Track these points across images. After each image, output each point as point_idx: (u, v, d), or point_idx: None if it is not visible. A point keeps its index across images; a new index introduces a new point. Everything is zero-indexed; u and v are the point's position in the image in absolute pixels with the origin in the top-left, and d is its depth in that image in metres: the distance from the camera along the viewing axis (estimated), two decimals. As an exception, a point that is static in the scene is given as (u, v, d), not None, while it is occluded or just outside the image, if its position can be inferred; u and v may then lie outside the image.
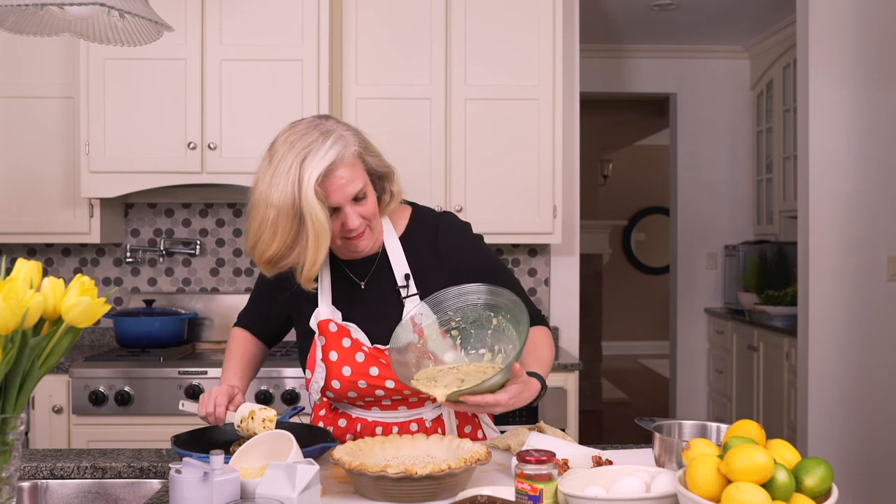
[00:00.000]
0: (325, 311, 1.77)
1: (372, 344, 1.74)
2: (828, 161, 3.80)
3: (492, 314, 1.63)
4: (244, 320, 2.00)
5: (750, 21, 5.14)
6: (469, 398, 1.51)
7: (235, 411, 1.70)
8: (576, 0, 3.73)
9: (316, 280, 1.69)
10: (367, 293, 1.79)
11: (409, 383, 1.56)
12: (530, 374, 1.66)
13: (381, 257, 1.79)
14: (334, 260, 1.80)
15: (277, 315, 1.92)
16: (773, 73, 5.36)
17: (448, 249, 1.79)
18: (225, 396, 1.73)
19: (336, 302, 1.79)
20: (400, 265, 1.78)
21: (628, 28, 5.29)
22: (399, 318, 1.71)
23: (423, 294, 1.73)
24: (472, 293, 1.65)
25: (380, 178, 1.74)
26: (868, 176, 3.81)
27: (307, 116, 1.71)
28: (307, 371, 1.82)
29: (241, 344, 1.96)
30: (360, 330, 1.75)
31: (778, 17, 5.05)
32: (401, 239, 1.80)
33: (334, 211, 1.64)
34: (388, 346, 1.66)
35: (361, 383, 1.73)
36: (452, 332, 1.67)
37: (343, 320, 1.76)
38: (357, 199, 1.65)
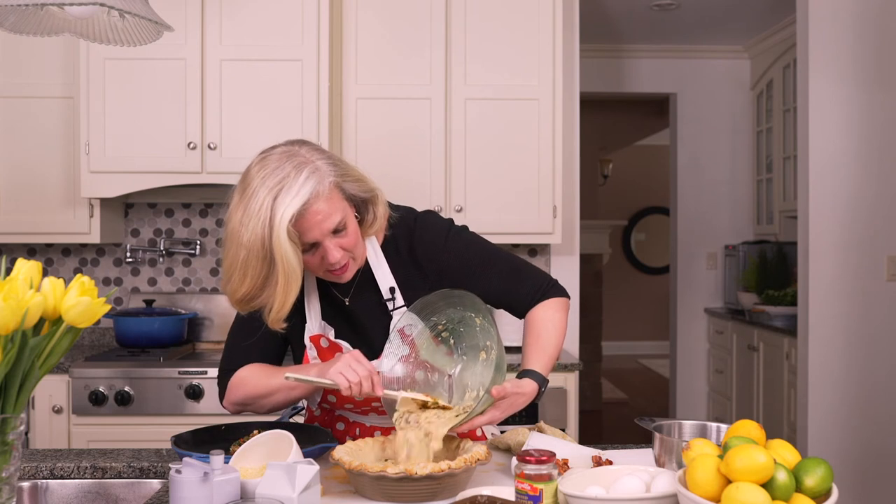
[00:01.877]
0: (316, 327, 1.73)
1: None
2: (828, 161, 3.80)
3: (472, 314, 1.62)
4: (242, 362, 1.76)
5: (750, 21, 5.14)
6: (460, 427, 1.54)
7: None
8: (576, 0, 3.73)
9: (287, 321, 1.61)
10: (352, 309, 1.74)
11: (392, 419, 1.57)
12: (526, 372, 1.66)
13: (364, 272, 1.72)
14: (318, 278, 1.73)
15: (274, 339, 1.75)
16: (773, 73, 5.36)
17: (425, 253, 1.73)
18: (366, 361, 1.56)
19: (325, 318, 1.75)
20: (385, 279, 1.72)
21: (628, 28, 5.29)
22: (386, 332, 1.68)
23: (411, 303, 1.69)
24: (449, 296, 1.64)
25: (363, 202, 1.65)
26: (868, 176, 3.81)
27: (280, 143, 1.60)
28: None
29: (262, 366, 1.76)
30: (351, 349, 1.71)
31: (778, 17, 5.05)
32: (382, 248, 1.74)
33: (312, 246, 1.57)
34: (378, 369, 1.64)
35: (358, 396, 1.72)
36: (443, 334, 1.66)
37: (335, 338, 1.73)
38: (336, 231, 1.57)
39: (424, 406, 1.59)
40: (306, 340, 1.74)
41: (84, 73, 3.13)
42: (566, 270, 3.73)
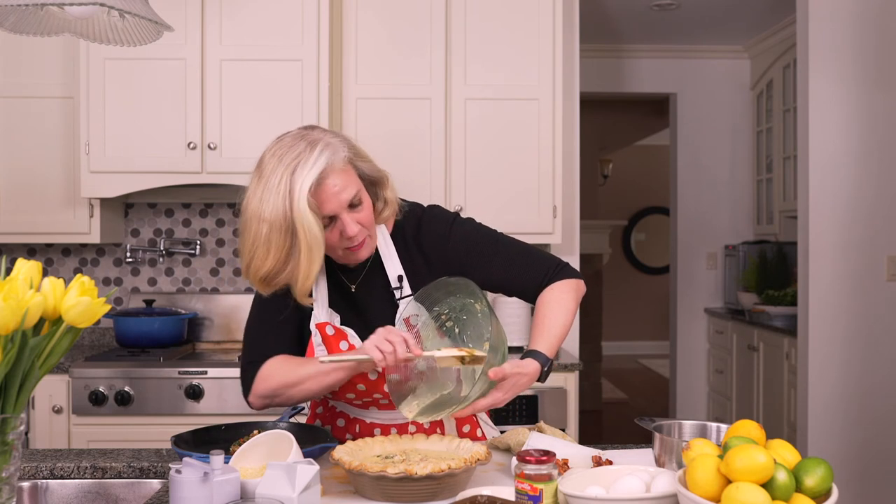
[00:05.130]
0: (322, 314, 1.74)
1: None
2: (828, 161, 3.80)
3: (472, 300, 1.63)
4: (267, 352, 1.75)
5: (750, 21, 5.14)
6: (463, 410, 1.53)
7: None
8: (576, 0, 3.73)
9: (311, 295, 1.65)
10: (359, 297, 1.76)
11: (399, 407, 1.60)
12: (530, 353, 1.66)
13: (373, 260, 1.75)
14: (328, 263, 1.76)
15: (292, 327, 1.76)
16: (773, 73, 5.36)
17: (431, 242, 1.76)
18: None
19: (332, 305, 1.76)
20: (393, 267, 1.75)
21: (628, 28, 5.29)
22: (391, 320, 1.70)
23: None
24: (447, 285, 1.64)
25: (372, 184, 1.71)
26: (868, 176, 3.81)
27: (292, 129, 1.67)
28: None
29: (289, 357, 1.75)
30: (356, 336, 1.73)
31: (778, 17, 5.05)
32: (391, 236, 1.77)
33: (331, 220, 1.61)
34: None
35: (360, 386, 1.72)
36: (447, 324, 1.67)
37: (341, 324, 1.75)
38: (353, 205, 1.62)
39: (462, 360, 1.59)
40: (312, 327, 1.75)
41: (84, 73, 3.13)
42: (566, 270, 3.73)
